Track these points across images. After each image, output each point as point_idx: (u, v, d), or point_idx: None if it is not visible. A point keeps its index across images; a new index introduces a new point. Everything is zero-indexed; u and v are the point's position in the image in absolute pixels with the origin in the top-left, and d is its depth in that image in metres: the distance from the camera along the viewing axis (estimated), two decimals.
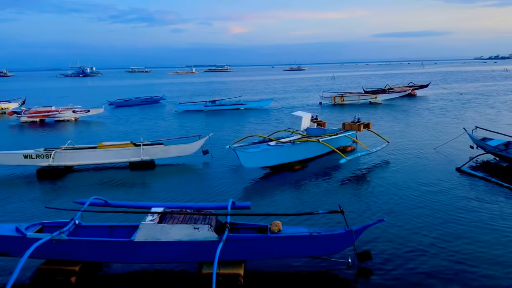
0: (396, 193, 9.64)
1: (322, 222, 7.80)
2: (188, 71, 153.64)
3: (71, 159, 12.57)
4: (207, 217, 6.08)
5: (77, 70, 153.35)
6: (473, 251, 6.63)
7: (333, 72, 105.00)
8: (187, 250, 5.83)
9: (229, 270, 5.77)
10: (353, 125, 14.41)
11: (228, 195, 9.74)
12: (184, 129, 20.87)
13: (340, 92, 34.09)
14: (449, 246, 6.83)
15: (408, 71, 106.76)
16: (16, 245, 5.83)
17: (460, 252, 6.62)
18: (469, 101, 30.23)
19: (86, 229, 6.44)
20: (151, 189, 11.19)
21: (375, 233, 7.23)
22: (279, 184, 10.91)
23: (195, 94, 45.73)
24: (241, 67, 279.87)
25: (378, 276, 5.99)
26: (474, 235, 7.25)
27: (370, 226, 6.11)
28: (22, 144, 15.41)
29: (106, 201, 6.92)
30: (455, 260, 6.35)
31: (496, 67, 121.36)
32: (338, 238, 5.94)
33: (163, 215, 6.08)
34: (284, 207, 9.00)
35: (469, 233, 7.32)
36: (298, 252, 6.06)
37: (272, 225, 6.08)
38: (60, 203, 9.45)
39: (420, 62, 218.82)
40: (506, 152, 11.61)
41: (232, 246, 5.79)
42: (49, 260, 6.00)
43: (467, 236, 7.19)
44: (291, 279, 6.03)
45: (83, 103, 30.81)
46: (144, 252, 5.87)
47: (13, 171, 12.69)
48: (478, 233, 7.30)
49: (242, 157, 11.35)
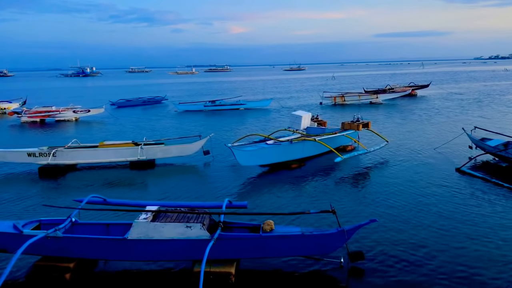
0: (393, 193, 9.63)
1: (319, 221, 7.83)
2: (188, 71, 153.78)
3: (72, 157, 12.75)
4: (201, 216, 6.13)
5: (77, 70, 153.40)
6: (471, 251, 6.61)
7: (333, 72, 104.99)
8: (179, 248, 5.88)
9: (221, 268, 5.81)
10: (352, 124, 14.52)
11: (226, 194, 9.78)
12: (184, 129, 20.89)
13: (340, 92, 34.10)
14: (445, 246, 6.83)
15: (408, 71, 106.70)
16: (13, 242, 5.91)
17: (456, 252, 6.60)
18: (469, 101, 30.24)
19: (82, 227, 6.50)
20: (150, 188, 11.25)
21: (369, 234, 7.26)
22: (276, 183, 10.94)
23: (195, 94, 45.77)
24: (241, 67, 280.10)
25: (370, 276, 6.00)
26: (472, 234, 7.22)
27: (362, 226, 6.13)
28: (23, 144, 15.45)
29: (105, 199, 6.99)
30: (452, 261, 6.33)
31: (496, 67, 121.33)
32: (330, 238, 5.96)
33: (157, 214, 6.14)
34: (280, 206, 9.04)
35: (466, 233, 7.29)
36: (290, 251, 6.09)
37: (264, 225, 6.11)
38: (60, 201, 9.56)
39: (420, 62, 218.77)
40: (505, 152, 11.58)
41: (224, 244, 5.83)
42: (45, 257, 6.09)
43: (464, 236, 7.18)
44: (283, 279, 6.06)
45: (84, 103, 30.84)
46: (138, 250, 5.92)
47: (16, 169, 12.87)
48: (477, 233, 7.28)
49: (238, 155, 11.45)
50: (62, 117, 25.34)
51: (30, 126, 23.61)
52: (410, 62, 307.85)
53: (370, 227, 7.21)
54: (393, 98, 32.61)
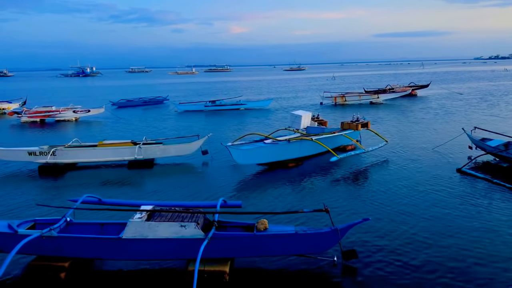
0: (391, 193, 9.59)
1: (314, 220, 7.83)
2: (188, 71, 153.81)
3: (71, 157, 12.85)
4: (195, 215, 6.15)
5: (77, 70, 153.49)
6: (471, 251, 6.57)
7: (333, 72, 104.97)
8: (174, 247, 5.89)
9: (215, 267, 5.83)
10: (351, 124, 14.55)
11: (223, 193, 9.78)
12: (184, 129, 20.87)
13: (341, 92, 34.07)
14: (441, 244, 6.82)
15: (408, 71, 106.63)
16: (7, 241, 5.92)
17: (456, 251, 6.57)
18: (469, 101, 30.21)
19: (77, 226, 6.52)
20: (147, 187, 11.25)
21: (363, 232, 7.26)
22: (272, 182, 10.95)
23: (195, 94, 45.77)
24: (242, 67, 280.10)
25: (364, 274, 6.02)
26: (473, 234, 7.18)
27: (355, 225, 6.15)
28: (23, 144, 15.49)
29: (100, 199, 6.98)
30: (452, 261, 6.29)
31: (496, 67, 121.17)
32: (323, 237, 5.99)
33: (152, 213, 6.15)
34: (275, 205, 9.05)
35: (467, 233, 7.25)
36: (283, 250, 6.11)
37: (258, 224, 6.12)
38: (57, 200, 9.61)
39: (420, 62, 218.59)
40: (506, 153, 11.52)
41: (218, 244, 5.85)
42: (40, 256, 6.10)
43: (464, 235, 7.15)
44: (277, 277, 6.07)
45: (84, 103, 30.85)
46: (132, 249, 5.93)
47: (17, 168, 12.97)
48: (478, 233, 7.24)
49: (235, 154, 11.53)
50: (62, 117, 25.38)
51: (30, 126, 23.63)
52: (410, 62, 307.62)
53: (364, 226, 7.24)
54: (393, 98, 32.60)
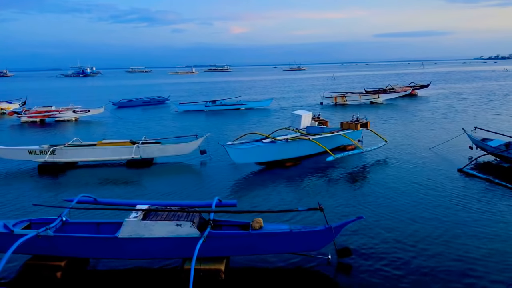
0: (390, 193, 9.57)
1: (309, 219, 7.82)
2: (188, 71, 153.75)
3: (71, 156, 12.93)
4: (191, 214, 6.17)
5: (77, 70, 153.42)
6: (471, 251, 6.56)
7: (334, 72, 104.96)
8: (170, 246, 5.91)
9: (210, 265, 5.86)
10: (350, 124, 14.59)
11: (219, 192, 9.79)
12: (185, 129, 20.83)
13: (341, 92, 34.04)
14: (440, 244, 6.82)
15: (409, 71, 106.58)
16: (3, 241, 5.92)
17: (455, 250, 6.57)
18: (469, 101, 30.21)
19: (73, 226, 6.52)
20: (145, 186, 11.27)
21: (358, 230, 7.28)
22: (269, 181, 10.94)
23: (195, 94, 45.77)
24: (242, 67, 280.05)
25: (358, 271, 6.06)
26: (473, 234, 7.16)
27: (350, 223, 6.19)
28: (23, 144, 15.48)
29: (95, 199, 6.98)
30: (451, 260, 6.29)
31: (496, 67, 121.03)
32: (318, 235, 6.02)
33: (147, 212, 6.16)
34: (272, 203, 9.08)
35: (467, 233, 7.22)
36: (278, 248, 6.14)
37: (254, 222, 6.14)
38: (54, 199, 9.63)
39: (420, 62, 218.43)
40: (507, 153, 11.50)
41: (214, 242, 5.86)
42: (36, 256, 6.11)
43: (464, 235, 7.14)
44: (272, 275, 6.10)
45: (84, 103, 30.85)
46: (128, 248, 5.94)
47: (17, 166, 13.03)
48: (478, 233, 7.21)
49: (231, 153, 11.57)
50: (62, 117, 25.38)
51: (30, 126, 23.64)
52: (410, 62, 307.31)
53: (359, 225, 7.30)
54: (394, 98, 32.59)
